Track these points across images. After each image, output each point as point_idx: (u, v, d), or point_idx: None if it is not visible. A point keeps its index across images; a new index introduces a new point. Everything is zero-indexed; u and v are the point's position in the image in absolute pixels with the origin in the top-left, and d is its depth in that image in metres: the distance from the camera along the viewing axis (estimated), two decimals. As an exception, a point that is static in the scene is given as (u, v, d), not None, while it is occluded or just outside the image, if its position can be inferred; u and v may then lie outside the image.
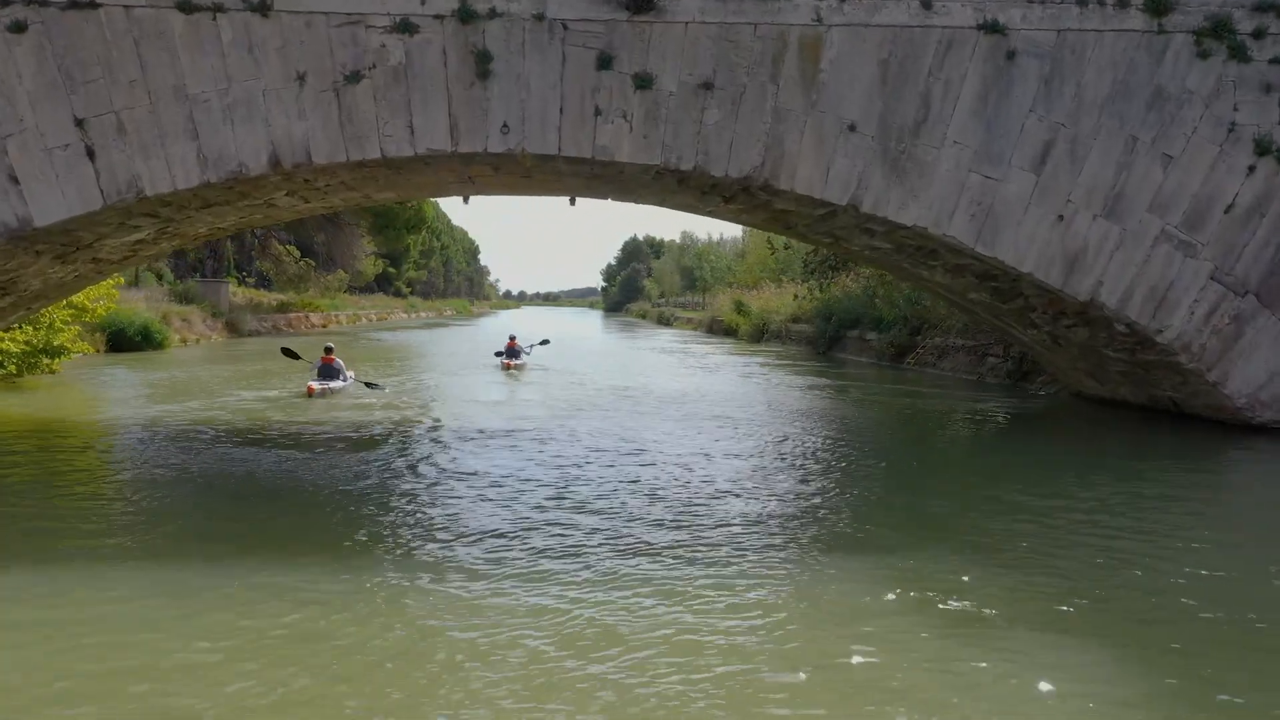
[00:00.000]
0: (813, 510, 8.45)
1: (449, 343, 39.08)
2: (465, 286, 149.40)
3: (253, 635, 5.14)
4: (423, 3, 11.08)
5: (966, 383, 20.29)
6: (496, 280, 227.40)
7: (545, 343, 26.38)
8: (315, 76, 11.11)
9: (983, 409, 15.94)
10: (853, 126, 11.57)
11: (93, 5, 10.81)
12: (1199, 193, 11.81)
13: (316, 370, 17.21)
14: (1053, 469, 10.57)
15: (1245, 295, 11.97)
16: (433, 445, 11.52)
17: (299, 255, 51.18)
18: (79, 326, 18.48)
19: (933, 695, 4.58)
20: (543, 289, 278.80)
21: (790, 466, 10.62)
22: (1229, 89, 11.76)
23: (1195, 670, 4.98)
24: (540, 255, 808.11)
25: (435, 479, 9.39)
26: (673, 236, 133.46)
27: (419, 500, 8.50)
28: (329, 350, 17.58)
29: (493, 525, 7.53)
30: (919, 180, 11.66)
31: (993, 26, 11.53)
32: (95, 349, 24.21)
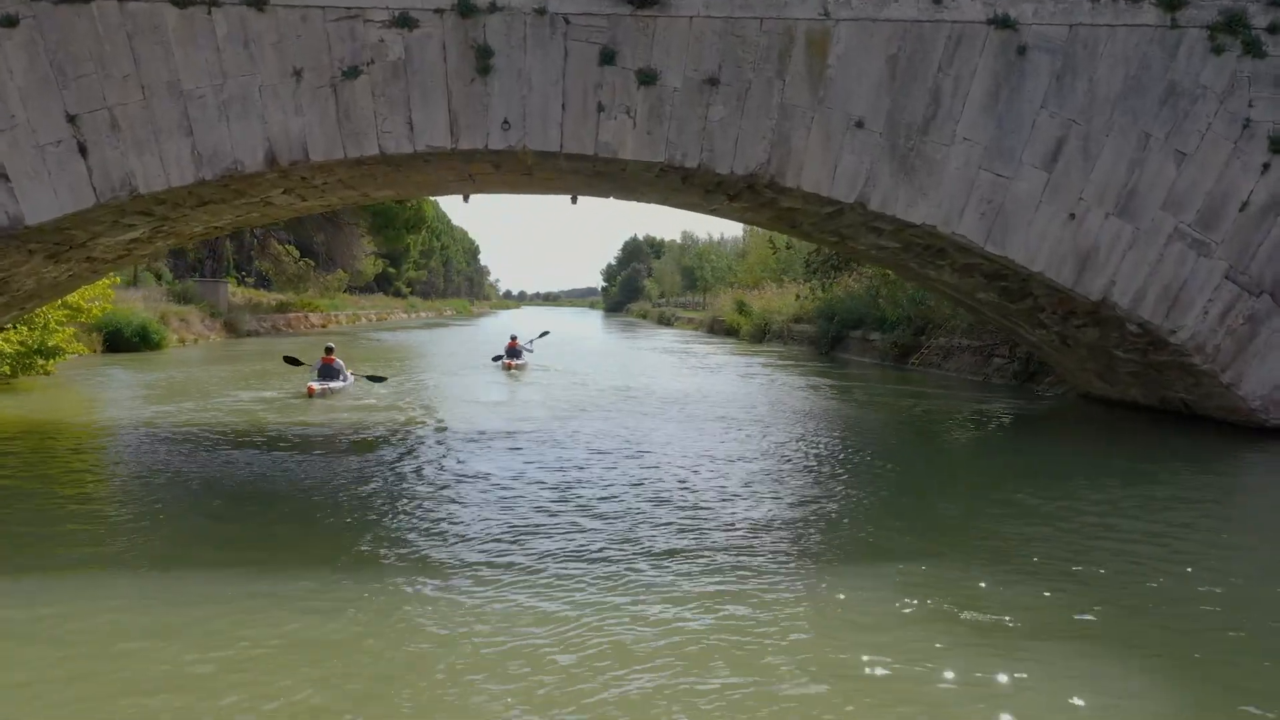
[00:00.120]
0: (821, 514, 8.26)
1: (449, 343, 38.87)
2: (465, 286, 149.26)
3: (250, 644, 4.97)
4: (422, -3, 10.88)
5: (972, 384, 20.07)
6: (496, 280, 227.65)
7: (545, 334, 27.05)
8: (312, 72, 10.90)
9: (989, 410, 15.72)
10: (860, 123, 11.35)
11: (85, -1, 10.61)
12: (1213, 190, 11.59)
13: (316, 370, 17.05)
14: (1063, 471, 10.37)
15: (1260, 295, 11.76)
16: (433, 447, 11.32)
17: (298, 255, 50.95)
18: (74, 327, 18.27)
19: (956, 708, 4.40)
20: (543, 289, 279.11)
21: (796, 469, 10.42)
22: (1244, 85, 11.54)
23: (1219, 680, 4.81)
24: (540, 255, 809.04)
25: (436, 481, 9.21)
26: (673, 236, 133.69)
27: (420, 504, 8.30)
28: (329, 350, 17.44)
29: (496, 529, 7.34)
30: (928, 178, 11.45)
31: (1003, 21, 11.32)
32: (92, 349, 24.04)
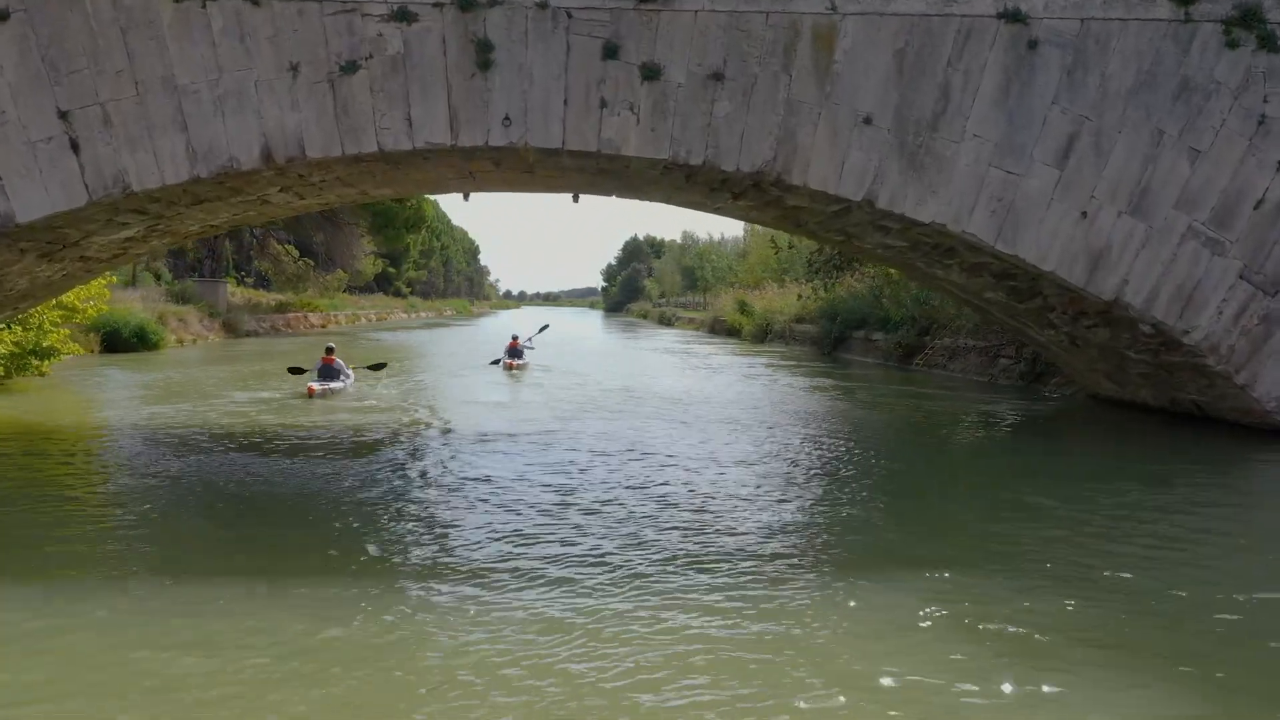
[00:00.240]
0: (829, 517, 8.08)
1: (449, 343, 38.70)
2: (465, 286, 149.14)
3: (246, 652, 4.79)
4: (421, -10, 10.66)
5: (978, 384, 19.85)
6: (496, 280, 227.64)
7: (545, 328, 27.81)
8: (309, 67, 10.68)
9: (996, 411, 15.50)
10: (868, 119, 11.13)
11: (77, -8, 10.39)
12: (1227, 188, 11.36)
13: (317, 371, 16.92)
14: (1075, 474, 10.17)
15: (1275, 295, 11.51)
16: (434, 449, 11.12)
17: (298, 255, 50.74)
18: (70, 328, 18.04)
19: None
20: (543, 289, 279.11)
21: (802, 471, 10.22)
22: (1259, 80, 11.30)
23: (1254, 693, 4.62)
24: (540, 255, 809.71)
25: (438, 485, 9.02)
26: (673, 236, 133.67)
27: (421, 507, 8.11)
28: (330, 350, 17.33)
29: (498, 533, 7.16)
30: (937, 175, 11.23)
31: (1014, 15, 11.10)
32: (89, 350, 23.83)
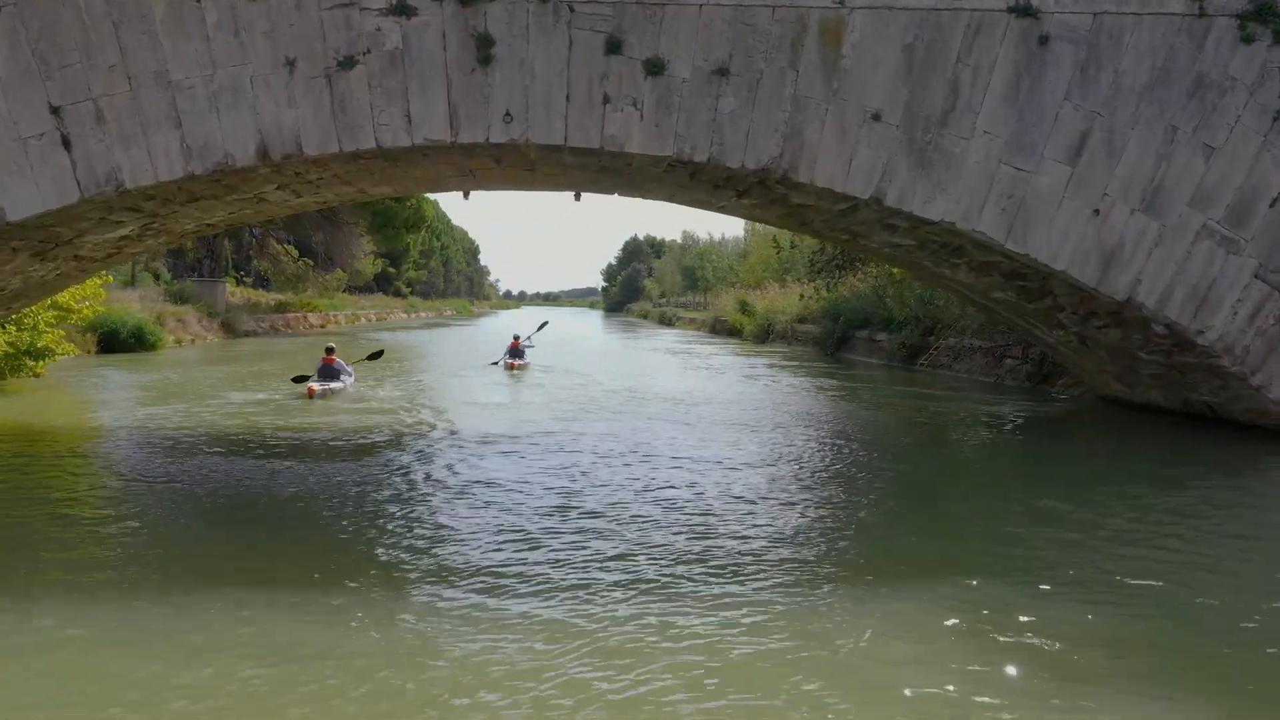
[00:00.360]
0: (838, 521, 7.90)
1: (449, 343, 38.51)
2: (465, 286, 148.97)
3: (242, 659, 4.64)
4: (420, -17, 10.43)
5: (983, 385, 19.62)
6: (496, 280, 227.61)
7: (544, 325, 28.39)
8: (306, 62, 10.46)
9: (1004, 413, 15.26)
10: (876, 115, 10.91)
11: (69, -15, 10.17)
12: (1243, 185, 11.15)
13: (317, 371, 16.80)
14: (1088, 477, 9.96)
15: (1291, 294, 11.32)
16: (434, 452, 10.89)
17: (297, 254, 50.55)
18: (65, 329, 17.83)
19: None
20: (543, 289, 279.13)
21: (809, 474, 10.02)
22: (1274, 75, 11.07)
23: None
24: (540, 255, 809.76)
25: (438, 488, 8.83)
26: (673, 236, 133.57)
27: (422, 511, 7.91)
28: (330, 350, 17.19)
29: (501, 537, 7.00)
30: (946, 172, 11.01)
31: (1025, 9, 10.88)
32: (86, 350, 23.63)
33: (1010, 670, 4.72)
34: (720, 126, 10.84)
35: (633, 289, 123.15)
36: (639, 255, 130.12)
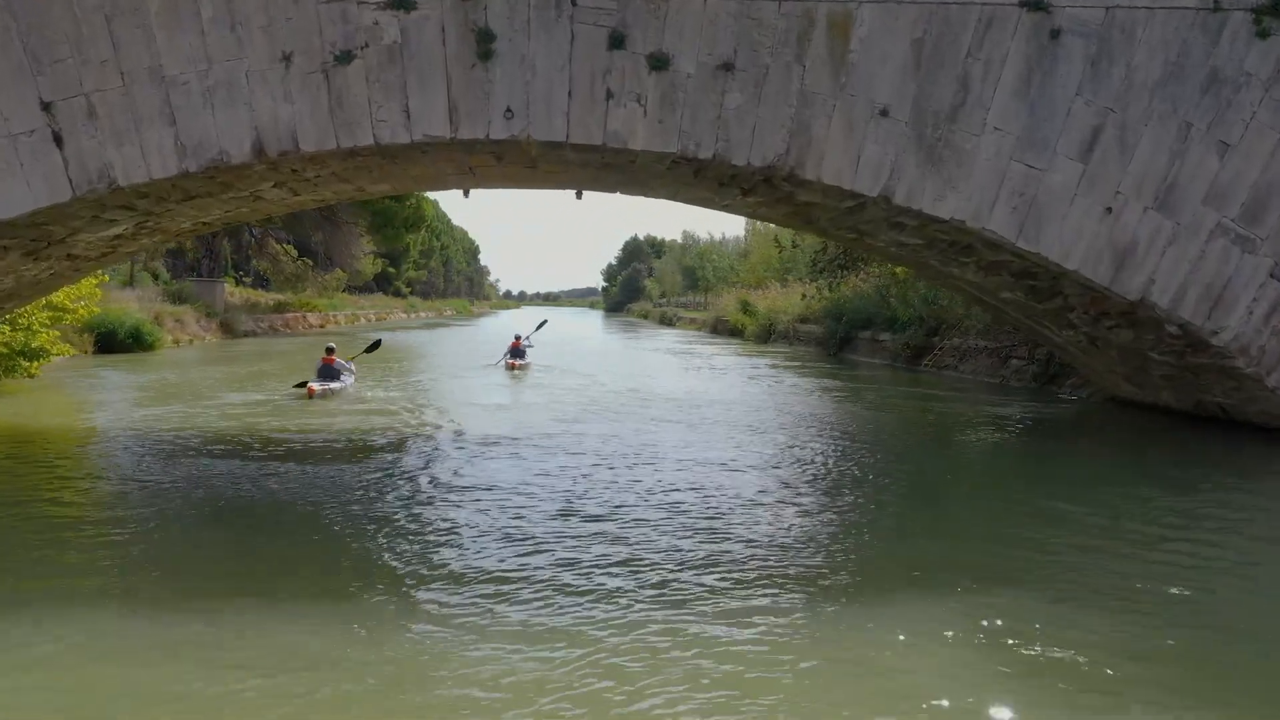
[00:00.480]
0: (846, 526, 7.75)
1: (449, 343, 38.33)
2: (465, 286, 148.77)
3: (240, 668, 4.50)
4: (419, -24, 10.22)
5: (988, 386, 19.43)
6: (496, 280, 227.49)
7: (544, 324, 28.91)
8: (302, 57, 10.24)
9: (1011, 414, 15.06)
10: (885, 111, 10.70)
11: (61, -21, 9.95)
12: (1258, 183, 10.93)
13: (317, 371, 16.69)
14: (1099, 479, 9.79)
15: (1307, 294, 11.10)
16: (435, 454, 10.71)
17: (296, 254, 50.32)
18: (61, 329, 17.62)
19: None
20: (543, 289, 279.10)
21: (817, 476, 9.83)
22: (1290, 71, 10.88)
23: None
24: (540, 255, 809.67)
25: (439, 491, 8.64)
26: (674, 236, 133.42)
27: (423, 516, 7.72)
28: (330, 350, 17.05)
29: (503, 542, 6.85)
30: (956, 169, 10.79)
31: (1036, 3, 10.66)
32: (83, 350, 23.42)
33: (1032, 680, 4.58)
34: (725, 123, 10.63)
35: (633, 289, 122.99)
36: (639, 255, 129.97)
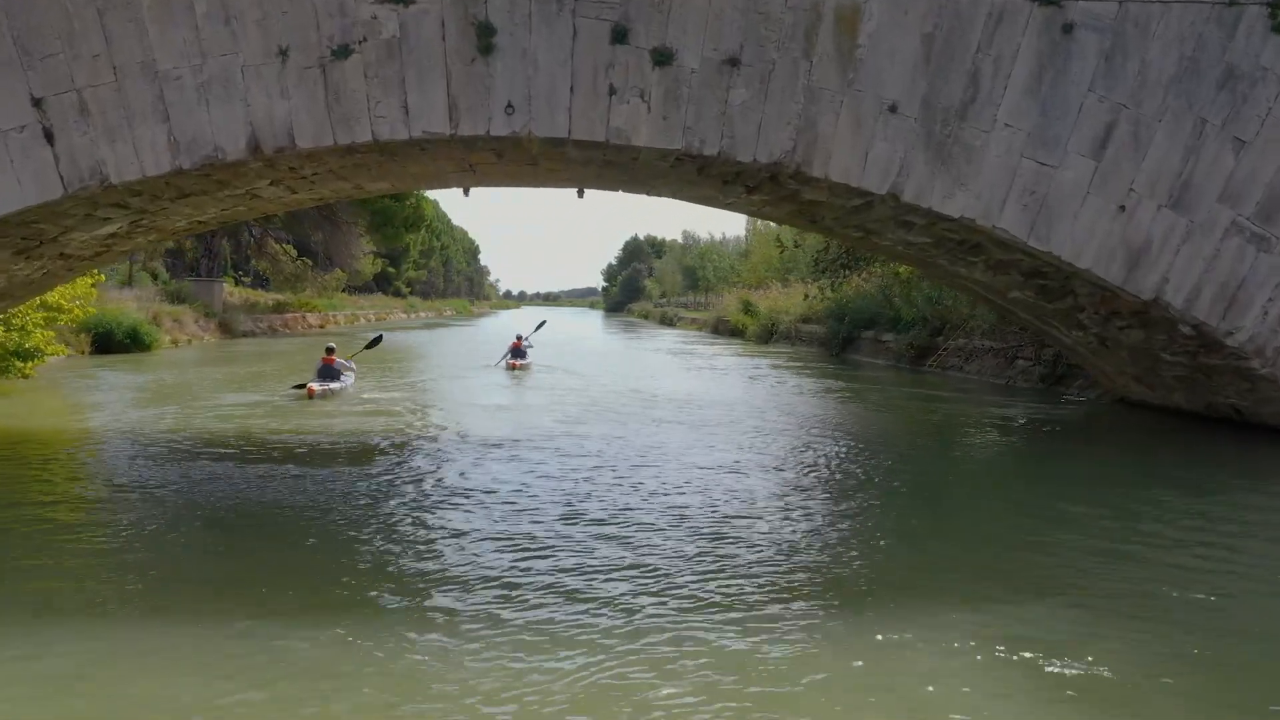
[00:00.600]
0: (854, 531, 7.55)
1: (449, 343, 38.16)
2: (465, 286, 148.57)
3: (237, 678, 4.35)
4: (418, -31, 10.00)
5: (994, 387, 19.21)
6: (496, 280, 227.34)
7: (543, 324, 28.93)
8: (299, 51, 10.03)
9: (1019, 416, 14.84)
10: (893, 107, 10.48)
11: (52, -29, 9.73)
12: (1274, 180, 10.71)
13: (317, 371, 16.54)
14: (1112, 482, 9.62)
15: (1324, 294, 10.88)
16: (437, 456, 10.52)
17: (296, 254, 50.10)
18: (57, 329, 17.43)
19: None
20: (543, 289, 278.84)
21: (823, 479, 9.64)
22: (1307, 66, 10.66)
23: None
24: (540, 255, 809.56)
25: (440, 495, 8.45)
26: (674, 236, 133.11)
27: (423, 520, 7.55)
28: (330, 350, 16.90)
29: (505, 547, 6.70)
30: (966, 167, 10.58)
31: (1048, -3, 10.45)
32: (80, 351, 23.21)
33: (1052, 691, 4.43)
34: (731, 119, 10.41)
35: (633, 289, 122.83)
36: (639, 255, 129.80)
